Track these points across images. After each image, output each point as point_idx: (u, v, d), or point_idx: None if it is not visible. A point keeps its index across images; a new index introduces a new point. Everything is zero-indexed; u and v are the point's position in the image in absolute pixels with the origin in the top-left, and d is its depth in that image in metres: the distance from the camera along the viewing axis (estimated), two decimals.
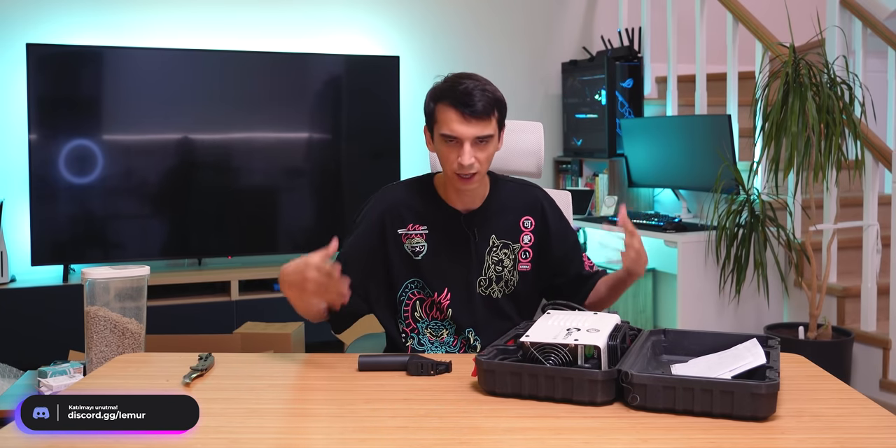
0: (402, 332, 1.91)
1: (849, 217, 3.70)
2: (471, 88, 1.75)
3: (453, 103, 1.76)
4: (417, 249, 1.88)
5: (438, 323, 1.91)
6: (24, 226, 3.89)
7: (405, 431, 1.30)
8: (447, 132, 1.77)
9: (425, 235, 1.88)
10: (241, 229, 4.20)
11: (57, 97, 3.84)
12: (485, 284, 1.90)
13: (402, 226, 1.88)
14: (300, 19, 4.42)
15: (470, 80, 1.78)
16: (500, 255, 1.91)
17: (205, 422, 1.33)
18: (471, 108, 1.75)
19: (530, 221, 1.93)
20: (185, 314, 3.88)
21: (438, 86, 1.81)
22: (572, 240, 1.99)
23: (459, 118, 1.75)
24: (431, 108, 1.80)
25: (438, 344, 1.91)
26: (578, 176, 4.76)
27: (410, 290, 1.89)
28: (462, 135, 1.76)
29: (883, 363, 3.45)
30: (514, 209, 1.93)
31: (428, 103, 1.82)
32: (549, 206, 1.97)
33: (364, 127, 4.34)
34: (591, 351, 1.46)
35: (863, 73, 3.91)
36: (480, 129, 1.76)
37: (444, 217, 1.89)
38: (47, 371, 1.89)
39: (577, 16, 4.98)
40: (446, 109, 1.77)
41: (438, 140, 1.80)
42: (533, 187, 1.99)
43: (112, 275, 1.88)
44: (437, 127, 1.79)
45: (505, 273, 1.91)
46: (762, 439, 1.27)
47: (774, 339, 1.58)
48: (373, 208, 1.91)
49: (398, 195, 1.92)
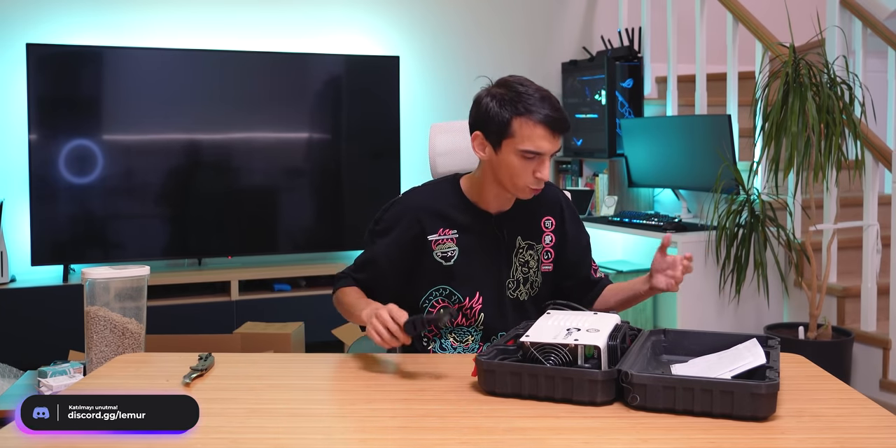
0: (424, 336, 1.88)
1: (849, 217, 3.70)
2: (556, 105, 1.71)
3: (545, 121, 1.69)
4: (449, 255, 1.84)
5: (464, 329, 1.88)
6: (24, 226, 3.89)
7: (405, 431, 1.30)
8: (532, 148, 1.70)
9: (455, 239, 1.84)
10: (241, 229, 4.20)
11: (57, 97, 3.85)
12: (513, 287, 1.88)
13: (433, 231, 1.84)
14: (300, 19, 4.42)
15: (542, 92, 1.72)
16: (527, 256, 1.89)
17: (205, 422, 1.33)
18: (561, 127, 1.71)
19: (551, 222, 1.92)
20: (185, 314, 3.88)
21: (509, 96, 1.72)
22: (585, 242, 1.98)
23: (549, 136, 1.71)
24: (506, 120, 1.71)
25: (462, 349, 1.88)
26: (578, 176, 4.76)
27: (435, 298, 1.86)
28: (547, 151, 1.72)
29: (883, 363, 3.45)
30: (536, 209, 1.90)
31: (499, 113, 1.71)
32: (567, 206, 1.96)
33: (364, 127, 4.34)
34: (591, 351, 1.46)
35: (863, 73, 3.91)
36: (559, 143, 1.74)
37: (473, 220, 1.85)
38: (47, 371, 1.89)
39: (577, 16, 4.98)
40: (533, 125, 1.69)
41: (514, 153, 1.72)
42: (551, 186, 1.96)
43: (112, 275, 1.88)
44: (515, 140, 1.71)
45: (531, 274, 1.89)
46: (762, 439, 1.27)
47: (774, 339, 1.58)
48: (401, 213, 1.86)
49: (426, 199, 1.87)
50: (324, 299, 2.34)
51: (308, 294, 4.09)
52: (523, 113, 1.70)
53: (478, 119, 1.77)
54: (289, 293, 4.11)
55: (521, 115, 1.70)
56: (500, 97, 1.73)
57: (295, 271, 4.18)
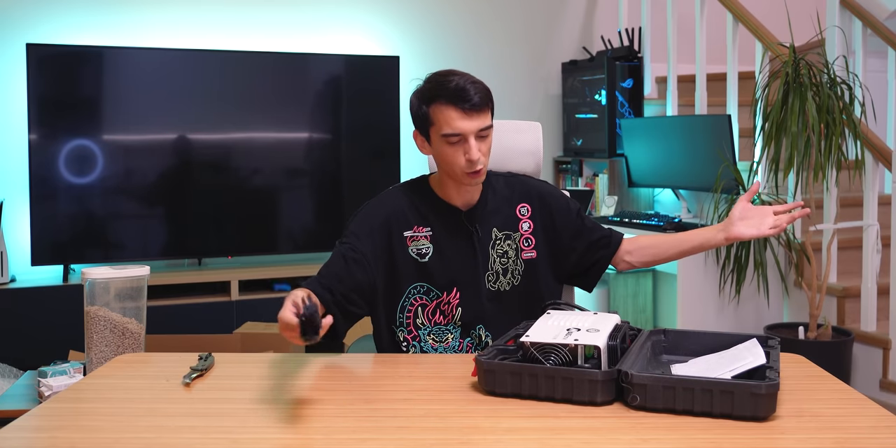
0: (404, 339, 1.87)
1: (849, 217, 3.70)
2: (462, 83, 1.74)
3: (450, 100, 1.74)
4: (423, 251, 1.86)
5: (442, 328, 1.88)
6: (24, 226, 3.89)
7: (405, 431, 1.30)
8: (449, 131, 1.75)
9: (429, 236, 1.87)
10: (241, 229, 4.20)
11: (57, 97, 3.85)
12: (493, 279, 1.89)
13: (407, 228, 1.86)
14: (300, 19, 4.42)
15: (456, 76, 1.76)
16: (505, 246, 1.90)
17: (205, 422, 1.33)
18: (469, 102, 1.74)
19: (526, 208, 1.93)
20: (185, 314, 3.88)
21: (424, 87, 1.79)
22: (575, 211, 1.96)
23: (460, 114, 1.74)
24: (424, 111, 1.78)
25: (443, 349, 1.88)
26: (578, 176, 4.77)
27: (413, 295, 1.86)
28: (466, 130, 1.75)
29: (883, 363, 3.45)
30: (508, 199, 1.92)
31: (419, 106, 1.79)
32: (544, 188, 1.96)
33: (364, 127, 4.34)
34: (591, 351, 1.46)
35: (863, 73, 3.91)
36: (481, 121, 1.76)
37: (445, 216, 1.88)
38: (47, 371, 1.89)
39: (577, 16, 4.98)
40: (443, 108, 1.75)
41: (439, 141, 1.78)
42: (522, 176, 1.99)
43: (112, 275, 1.88)
44: (436, 128, 1.77)
45: (510, 264, 1.90)
46: (762, 439, 1.27)
47: (774, 339, 1.58)
48: (374, 213, 1.88)
49: (400, 198, 1.90)
50: None
51: None
52: (435, 99, 1.76)
53: (412, 118, 1.84)
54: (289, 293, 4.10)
55: (434, 102, 1.76)
56: (420, 91, 1.80)
57: (295, 271, 4.18)
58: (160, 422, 1.35)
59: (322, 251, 4.36)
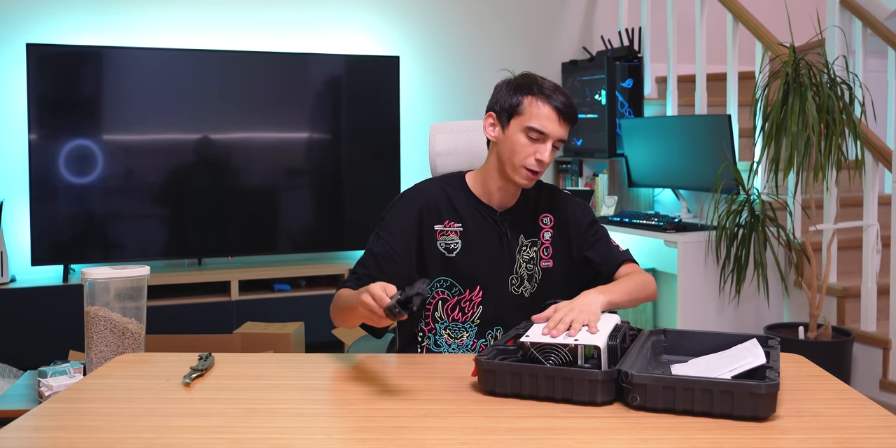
0: (420, 330, 1.89)
1: (849, 217, 3.70)
2: (567, 96, 1.81)
3: (551, 102, 1.78)
4: (451, 246, 1.87)
5: (458, 324, 1.88)
6: (24, 226, 3.89)
7: (405, 431, 1.30)
8: (537, 126, 1.78)
9: (460, 233, 1.87)
10: (241, 229, 4.20)
11: (57, 97, 3.85)
12: (517, 282, 1.90)
13: (438, 221, 1.87)
14: (300, 19, 4.42)
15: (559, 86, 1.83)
16: (531, 252, 1.91)
17: (205, 422, 1.33)
18: (566, 111, 1.79)
19: (549, 218, 1.94)
20: (185, 314, 3.88)
21: (521, 81, 1.82)
22: (589, 220, 1.97)
23: (556, 117, 1.78)
24: (518, 99, 1.80)
25: (457, 345, 1.88)
26: (578, 176, 4.77)
27: (436, 289, 1.87)
28: (551, 132, 1.78)
29: (883, 363, 3.45)
30: (535, 207, 1.94)
31: (512, 93, 1.81)
32: (567, 201, 1.98)
33: (364, 127, 4.34)
34: (591, 351, 1.46)
35: (863, 73, 3.91)
36: (564, 131, 1.80)
37: (479, 215, 1.89)
38: (47, 371, 1.89)
39: (577, 16, 4.98)
40: (541, 105, 1.78)
41: (519, 132, 1.79)
42: (550, 186, 2.01)
43: (112, 275, 1.88)
44: (523, 118, 1.79)
45: (535, 271, 1.91)
46: (762, 439, 1.27)
47: (774, 339, 1.58)
48: (408, 204, 1.89)
49: (434, 191, 1.90)
50: (324, 299, 2.34)
51: (308, 294, 4.10)
52: (536, 93, 1.79)
53: (493, 101, 1.86)
54: (289, 293, 4.11)
55: (534, 95, 1.79)
56: (517, 82, 1.84)
57: (295, 271, 4.18)
58: (160, 422, 1.35)
59: (322, 251, 4.37)
